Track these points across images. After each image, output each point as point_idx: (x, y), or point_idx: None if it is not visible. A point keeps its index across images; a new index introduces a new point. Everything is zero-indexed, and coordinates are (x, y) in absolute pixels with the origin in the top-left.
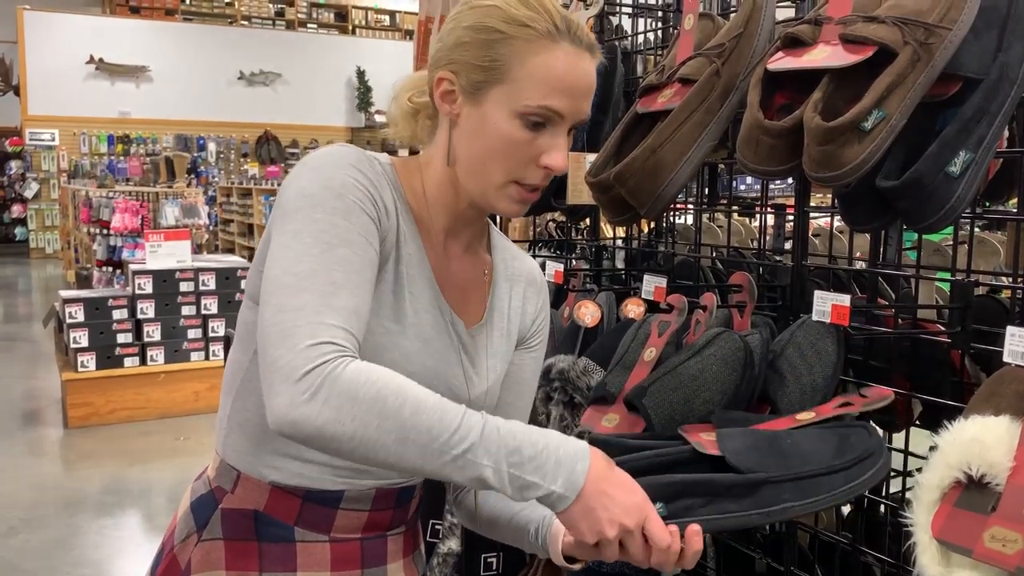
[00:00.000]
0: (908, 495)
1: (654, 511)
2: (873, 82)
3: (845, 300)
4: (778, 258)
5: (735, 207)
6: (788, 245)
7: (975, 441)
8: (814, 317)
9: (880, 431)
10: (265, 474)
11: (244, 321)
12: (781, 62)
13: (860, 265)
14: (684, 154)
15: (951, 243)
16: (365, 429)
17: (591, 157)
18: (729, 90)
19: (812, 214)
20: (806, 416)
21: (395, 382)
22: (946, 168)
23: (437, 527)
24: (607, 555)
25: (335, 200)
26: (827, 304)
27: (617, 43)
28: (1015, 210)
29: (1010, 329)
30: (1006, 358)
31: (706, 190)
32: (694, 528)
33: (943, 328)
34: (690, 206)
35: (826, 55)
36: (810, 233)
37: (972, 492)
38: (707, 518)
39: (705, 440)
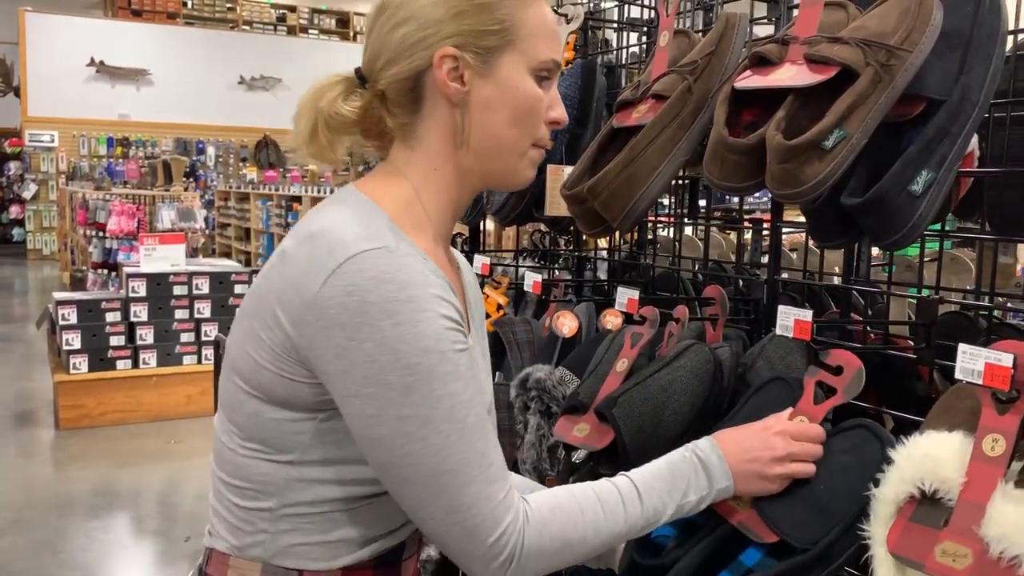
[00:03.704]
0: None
1: (782, 422)
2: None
3: (807, 315)
4: (757, 271)
5: (714, 221)
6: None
7: (928, 457)
8: (778, 331)
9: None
10: (337, 562)
11: (253, 415)
12: (748, 80)
13: (836, 280)
14: (655, 169)
15: (925, 260)
16: (566, 564)
17: (569, 170)
18: (701, 107)
19: (789, 228)
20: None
21: (568, 520)
22: (909, 186)
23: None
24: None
25: (441, 363)
26: (790, 319)
27: (600, 57)
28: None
29: (961, 346)
30: (957, 375)
31: (686, 203)
32: None
33: (913, 344)
34: (673, 219)
35: (791, 75)
36: (788, 247)
37: (926, 507)
38: None
39: (748, 519)
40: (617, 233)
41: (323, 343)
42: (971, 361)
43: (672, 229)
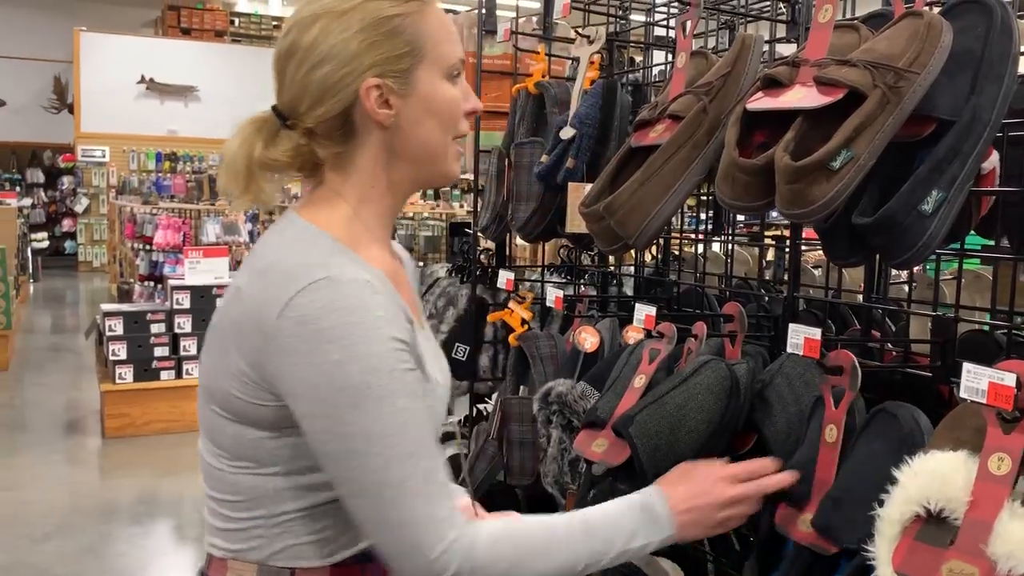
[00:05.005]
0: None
1: (725, 467)
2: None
3: (816, 333)
4: (780, 288)
5: (739, 237)
6: None
7: (934, 476)
8: (788, 349)
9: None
10: (327, 560)
11: (235, 437)
12: (760, 102)
13: (858, 298)
14: (670, 188)
15: (947, 278)
16: None
17: (589, 187)
18: (716, 127)
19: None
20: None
21: (516, 543)
22: (919, 206)
23: None
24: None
25: (389, 382)
26: (800, 337)
27: (626, 76)
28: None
29: (966, 365)
30: (962, 394)
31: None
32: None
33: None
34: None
35: (800, 96)
36: (812, 264)
37: (931, 526)
38: None
39: (814, 538)
40: (638, 250)
41: (282, 368)
42: (975, 380)
43: (698, 245)
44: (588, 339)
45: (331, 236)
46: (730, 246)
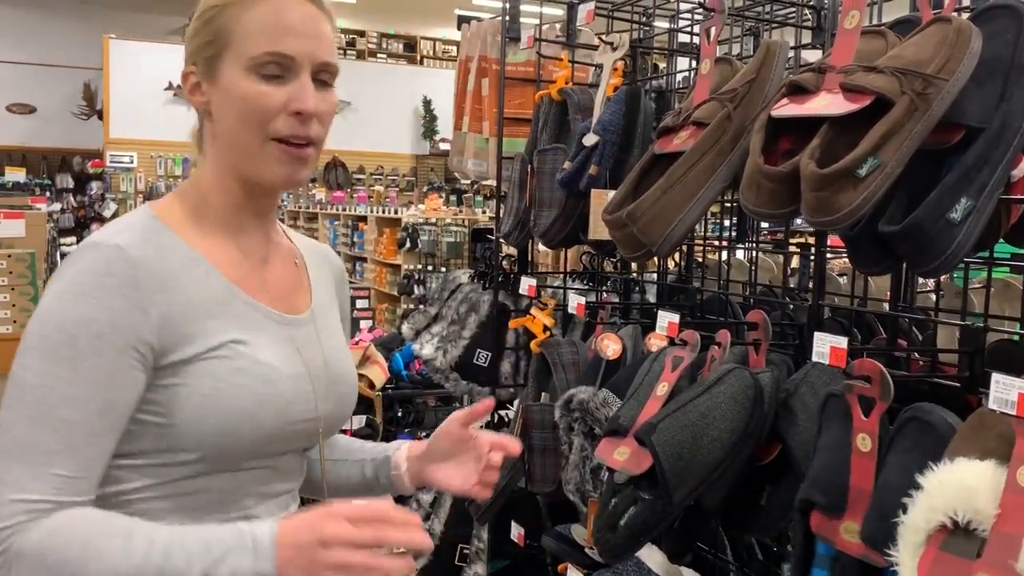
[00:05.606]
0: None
1: (343, 508)
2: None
3: (842, 342)
4: (806, 296)
5: (763, 245)
6: None
7: (962, 487)
8: (813, 358)
9: None
10: None
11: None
12: (785, 109)
13: (884, 307)
14: (694, 195)
15: (975, 287)
16: None
17: (612, 194)
18: (740, 134)
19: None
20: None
21: (78, 539)
22: (947, 215)
23: (465, 551)
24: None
25: (68, 347)
26: (826, 346)
27: (650, 83)
28: None
29: (995, 376)
30: (991, 404)
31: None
32: None
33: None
34: (725, 243)
35: (826, 103)
36: (838, 272)
37: (957, 536)
38: None
39: (864, 550)
40: (661, 257)
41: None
42: (1004, 391)
43: (721, 253)
44: (610, 346)
45: (154, 214)
46: (754, 253)
